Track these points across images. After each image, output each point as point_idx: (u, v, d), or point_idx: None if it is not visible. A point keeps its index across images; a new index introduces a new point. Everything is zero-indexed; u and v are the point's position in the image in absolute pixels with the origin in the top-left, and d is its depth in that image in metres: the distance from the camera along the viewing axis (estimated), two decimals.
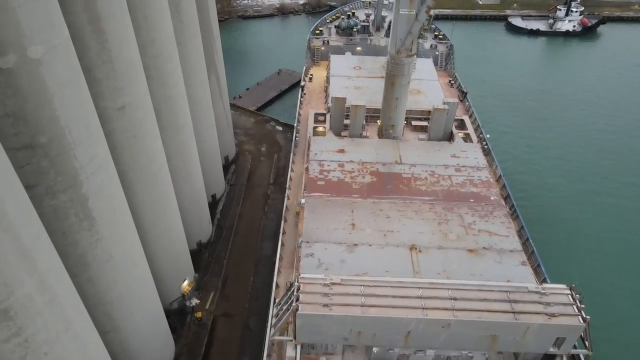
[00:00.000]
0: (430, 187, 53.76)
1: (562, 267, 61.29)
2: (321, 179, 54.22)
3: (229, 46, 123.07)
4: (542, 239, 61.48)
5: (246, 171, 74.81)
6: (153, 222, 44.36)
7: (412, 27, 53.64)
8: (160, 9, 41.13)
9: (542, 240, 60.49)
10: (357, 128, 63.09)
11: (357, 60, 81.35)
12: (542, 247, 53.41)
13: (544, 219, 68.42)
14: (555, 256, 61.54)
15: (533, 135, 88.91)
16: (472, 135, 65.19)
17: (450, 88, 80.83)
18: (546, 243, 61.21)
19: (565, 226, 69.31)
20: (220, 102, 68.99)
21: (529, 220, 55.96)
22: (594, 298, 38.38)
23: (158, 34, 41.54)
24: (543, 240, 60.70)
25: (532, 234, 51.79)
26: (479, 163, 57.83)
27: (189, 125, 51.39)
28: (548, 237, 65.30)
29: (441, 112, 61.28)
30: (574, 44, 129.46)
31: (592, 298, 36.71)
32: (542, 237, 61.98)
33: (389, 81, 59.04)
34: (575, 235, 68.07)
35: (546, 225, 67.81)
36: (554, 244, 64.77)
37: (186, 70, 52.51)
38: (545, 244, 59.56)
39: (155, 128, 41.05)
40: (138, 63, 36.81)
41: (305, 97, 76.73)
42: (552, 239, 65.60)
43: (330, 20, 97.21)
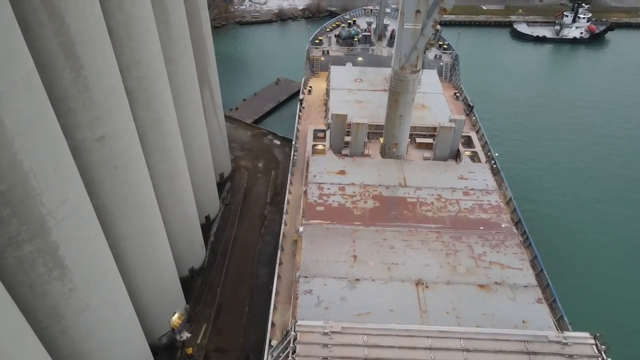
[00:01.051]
0: (437, 212, 50.64)
1: (579, 299, 57.93)
2: (320, 204, 51.12)
3: (226, 54, 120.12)
4: (554, 262, 58.41)
5: (242, 189, 71.71)
6: (139, 257, 41.23)
7: (418, 42, 50.60)
8: (146, 26, 38.05)
9: (555, 265, 57.43)
10: (359, 147, 60.06)
11: (358, 72, 78.32)
12: (557, 277, 50.44)
13: (556, 243, 65.09)
14: (571, 286, 58.17)
15: (542, 151, 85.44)
16: (480, 154, 62.14)
17: (455, 101, 77.74)
18: (561, 271, 58.03)
19: (580, 251, 65.72)
20: (215, 118, 65.93)
21: (541, 244, 52.89)
22: (618, 343, 34.99)
23: (143, 53, 38.47)
24: (556, 265, 57.61)
25: (546, 259, 48.59)
26: (488, 185, 54.70)
27: (179, 147, 48.30)
28: (561, 261, 61.97)
29: (448, 130, 58.20)
30: (581, 51, 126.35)
31: (615, 343, 33.34)
32: (555, 261, 58.84)
33: (393, 98, 55.98)
34: (592, 261, 64.45)
35: (559, 249, 64.44)
36: (569, 272, 61.38)
37: (176, 88, 49.53)
38: (559, 271, 56.43)
39: (139, 156, 37.96)
40: (119, 89, 33.74)
41: (304, 111, 73.69)
42: (566, 266, 62.20)
43: (330, 29, 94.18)
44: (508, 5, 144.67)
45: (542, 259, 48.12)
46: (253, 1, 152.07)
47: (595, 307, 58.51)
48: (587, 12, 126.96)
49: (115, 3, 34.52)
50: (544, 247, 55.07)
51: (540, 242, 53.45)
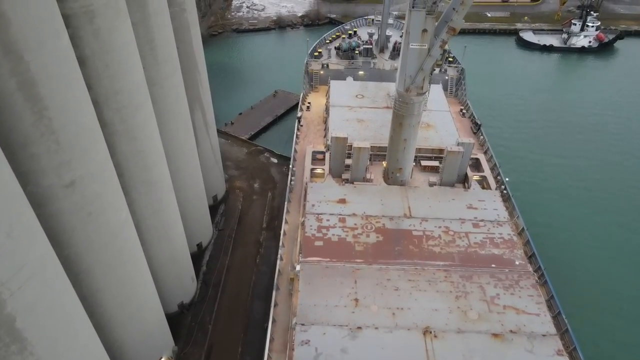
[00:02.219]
0: (445, 248, 47.18)
1: (601, 345, 54.32)
2: (319, 238, 47.68)
3: (222, 64, 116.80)
4: (571, 298, 54.90)
5: (237, 212, 68.17)
6: (120, 305, 37.78)
7: (424, 64, 47.22)
8: (126, 53, 34.62)
9: (572, 302, 53.95)
10: (360, 171, 56.70)
11: (359, 87, 74.88)
12: (575, 317, 47.01)
13: (574, 278, 61.23)
14: (591, 328, 54.57)
15: (553, 170, 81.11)
16: (489, 178, 58.70)
17: (461, 118, 74.20)
18: (578, 309, 54.56)
19: (598, 286, 61.67)
20: (207, 139, 62.47)
21: (557, 277, 49.34)
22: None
23: (123, 83, 35.05)
24: (573, 301, 54.14)
25: (562, 296, 45.05)
26: (500, 216, 51.25)
27: (166, 178, 44.82)
28: (579, 298, 58.20)
29: (455, 155, 54.81)
30: (590, 61, 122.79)
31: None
32: (572, 297, 55.34)
33: (397, 121, 52.57)
34: (613, 297, 60.26)
35: (577, 284, 60.59)
36: (587, 309, 57.60)
37: (163, 114, 46.18)
38: (577, 310, 53.03)
39: (117, 198, 34.47)
40: (92, 127, 30.29)
41: (303, 129, 70.20)
42: (584, 303, 58.37)
43: (329, 40, 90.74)
44: (513, 12, 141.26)
45: (559, 300, 44.53)
46: (251, 8, 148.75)
47: (618, 352, 54.72)
48: (596, 21, 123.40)
49: (90, 30, 31.09)
50: (560, 281, 51.57)
51: (555, 275, 49.99)
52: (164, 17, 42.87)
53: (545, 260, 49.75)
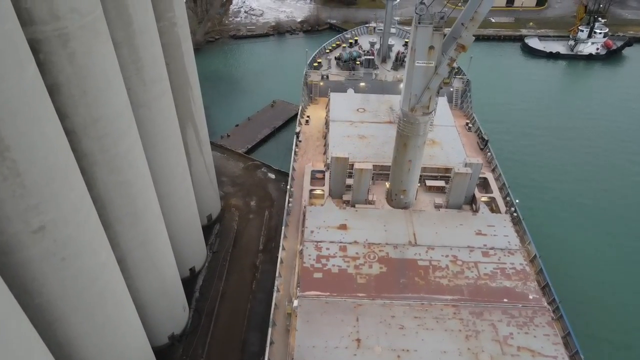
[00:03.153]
0: (453, 279, 44.28)
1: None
2: (318, 269, 44.80)
3: (218, 72, 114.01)
4: (590, 331, 52.13)
5: (232, 233, 65.25)
6: (100, 351, 34.77)
7: (431, 82, 44.39)
8: (106, 77, 31.76)
9: (591, 337, 51.19)
10: (362, 193, 53.90)
11: (360, 100, 71.97)
12: (594, 355, 44.29)
13: (591, 310, 57.91)
14: None
15: (564, 188, 77.57)
16: (498, 200, 55.78)
17: (467, 132, 71.27)
18: (599, 349, 51.62)
19: (617, 319, 58.34)
20: (201, 157, 59.59)
21: (572, 309, 46.49)
22: None
23: (104, 110, 32.19)
24: (592, 337, 51.36)
25: (579, 331, 42.20)
26: (511, 243, 48.35)
27: (154, 207, 41.92)
28: (598, 334, 55.09)
29: (463, 177, 51.96)
30: (597, 69, 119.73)
31: None
32: (591, 331, 52.54)
33: (401, 141, 49.73)
34: (634, 330, 57.14)
35: (594, 318, 57.36)
36: (607, 344, 54.54)
37: (151, 137, 43.37)
38: (597, 350, 50.16)
39: (96, 239, 31.60)
40: (66, 163, 27.49)
41: (301, 145, 67.25)
42: (605, 341, 55.19)
43: (329, 49, 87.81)
44: (518, 17, 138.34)
45: (576, 336, 41.58)
46: (249, 13, 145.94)
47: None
48: (604, 27, 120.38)
49: (64, 55, 28.24)
50: (576, 314, 48.74)
51: (571, 307, 47.12)
52: (151, 34, 39.96)
53: (560, 289, 46.90)
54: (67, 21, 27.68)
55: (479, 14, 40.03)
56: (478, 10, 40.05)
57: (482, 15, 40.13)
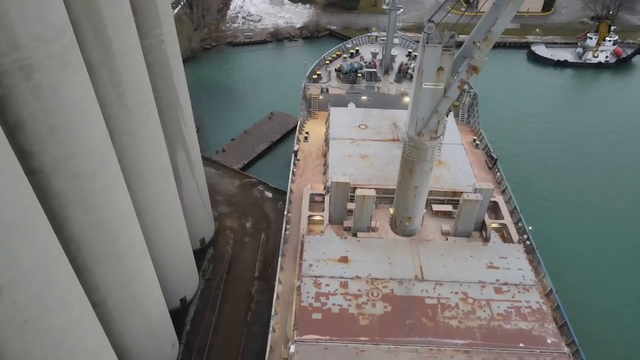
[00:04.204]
0: (464, 320, 40.92)
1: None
2: (317, 309, 41.45)
3: (214, 81, 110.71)
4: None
5: (226, 257, 61.92)
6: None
7: (440, 105, 41.15)
8: (79, 110, 28.55)
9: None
10: (365, 221, 50.73)
11: (362, 115, 68.75)
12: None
13: (612, 348, 54.45)
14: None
15: (577, 209, 73.39)
16: (510, 227, 52.52)
17: (475, 150, 68.01)
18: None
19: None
20: (192, 180, 56.29)
21: (590, 347, 43.22)
22: None
23: (76, 146, 28.96)
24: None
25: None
26: (525, 277, 45.01)
27: (138, 244, 38.73)
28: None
29: (472, 204, 48.64)
30: (607, 77, 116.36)
31: None
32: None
33: (407, 167, 46.49)
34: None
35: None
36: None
37: (136, 165, 40.22)
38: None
39: (67, 293, 28.40)
40: (27, 214, 24.14)
41: (300, 164, 63.92)
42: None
43: (329, 60, 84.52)
44: (524, 23, 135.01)
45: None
46: (247, 18, 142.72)
47: None
48: (613, 35, 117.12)
49: (27, 88, 25.10)
50: (597, 356, 45.38)
51: (591, 347, 43.87)
52: (135, 55, 36.72)
53: (578, 326, 43.79)
54: (30, 51, 24.51)
55: (493, 33, 36.80)
56: (492, 29, 36.79)
57: (497, 34, 36.90)
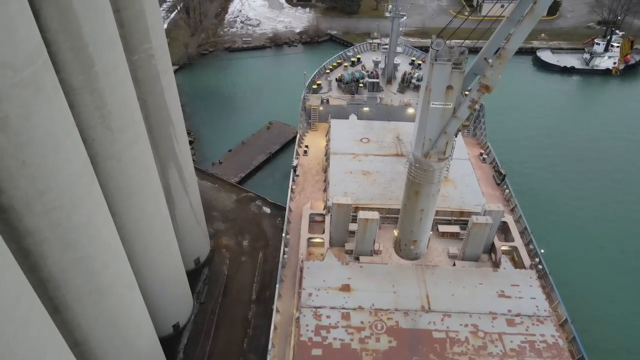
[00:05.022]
0: (475, 357, 38.44)
1: None
2: (317, 344, 38.89)
3: (211, 88, 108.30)
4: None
5: (222, 278, 59.37)
6: None
7: (448, 126, 38.57)
8: (54, 140, 26.13)
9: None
10: (367, 244, 48.10)
11: (363, 128, 66.20)
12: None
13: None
14: None
15: (589, 225, 70.74)
16: (521, 249, 49.98)
17: (482, 164, 65.35)
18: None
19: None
20: (186, 198, 53.78)
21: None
22: None
23: (51, 180, 26.45)
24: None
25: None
26: (539, 308, 42.42)
27: (124, 277, 36.21)
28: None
29: (482, 227, 46.02)
30: (615, 85, 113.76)
31: None
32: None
33: (412, 189, 43.94)
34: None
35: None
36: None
37: (122, 190, 37.81)
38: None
39: (44, 341, 25.63)
40: None
41: (299, 180, 61.31)
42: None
43: (330, 69, 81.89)
44: None
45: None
46: (245, 23, 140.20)
47: None
48: (621, 40, 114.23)
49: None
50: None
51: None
52: (120, 74, 34.15)
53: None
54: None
55: (507, 51, 34.35)
56: (506, 46, 34.29)
57: (512, 52, 34.55)
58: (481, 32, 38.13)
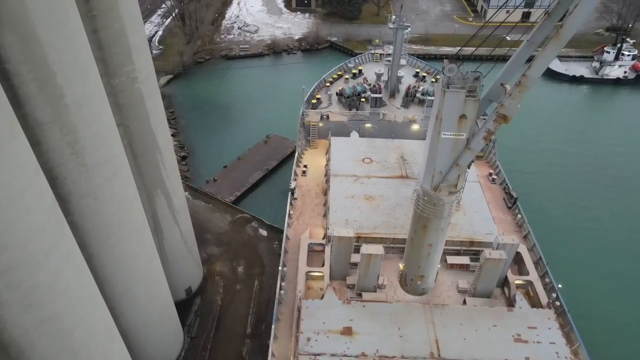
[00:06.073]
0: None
1: None
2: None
3: (206, 99, 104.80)
4: None
5: (215, 309, 55.89)
6: None
7: (461, 158, 35.08)
8: (7, 192, 22.56)
9: None
10: (371, 280, 44.59)
11: (366, 146, 62.79)
12: None
13: None
14: None
15: (608, 254, 66.73)
16: (536, 284, 46.62)
17: (491, 185, 61.86)
18: None
19: None
20: (175, 227, 50.33)
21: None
22: None
23: (7, 237, 22.87)
24: None
25: None
26: (560, 355, 39.04)
27: (102, 330, 32.89)
28: None
29: (495, 263, 42.46)
30: (626, 94, 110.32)
31: None
32: None
33: (420, 223, 40.51)
34: None
35: None
36: None
37: (100, 230, 34.56)
38: None
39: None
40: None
41: (297, 204, 57.82)
42: None
43: (330, 81, 78.41)
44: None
45: None
46: (242, 29, 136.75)
47: None
48: (632, 49, 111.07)
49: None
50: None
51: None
52: (95, 103, 30.70)
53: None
54: None
55: (529, 78, 30.92)
56: (527, 74, 30.88)
57: (533, 80, 31.08)
58: (482, 38, 34.53)
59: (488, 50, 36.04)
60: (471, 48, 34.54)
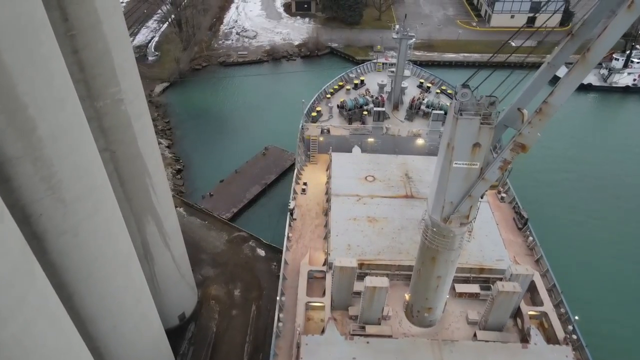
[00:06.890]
0: None
1: None
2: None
3: (203, 108, 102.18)
4: None
5: (210, 337, 53.20)
6: None
7: (474, 189, 32.29)
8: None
9: None
10: (375, 312, 41.86)
11: (368, 163, 60.14)
12: None
13: None
14: None
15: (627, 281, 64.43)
16: (551, 315, 43.95)
17: (500, 203, 59.21)
18: None
19: None
20: (167, 253, 47.70)
21: None
22: None
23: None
24: None
25: None
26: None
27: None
28: None
29: (508, 296, 39.76)
30: (636, 102, 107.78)
31: None
32: None
33: (428, 254, 37.83)
34: None
35: None
36: None
37: (82, 268, 32.04)
38: None
39: None
40: None
41: (296, 225, 55.16)
42: None
43: (331, 93, 75.75)
44: (541, 40, 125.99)
45: None
46: (241, 35, 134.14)
47: None
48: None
49: None
50: None
51: None
52: (74, 133, 27.97)
53: None
54: None
55: (551, 106, 28.35)
56: (549, 100, 28.30)
57: (556, 108, 28.45)
58: (487, 43, 31.90)
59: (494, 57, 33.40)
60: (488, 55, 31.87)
